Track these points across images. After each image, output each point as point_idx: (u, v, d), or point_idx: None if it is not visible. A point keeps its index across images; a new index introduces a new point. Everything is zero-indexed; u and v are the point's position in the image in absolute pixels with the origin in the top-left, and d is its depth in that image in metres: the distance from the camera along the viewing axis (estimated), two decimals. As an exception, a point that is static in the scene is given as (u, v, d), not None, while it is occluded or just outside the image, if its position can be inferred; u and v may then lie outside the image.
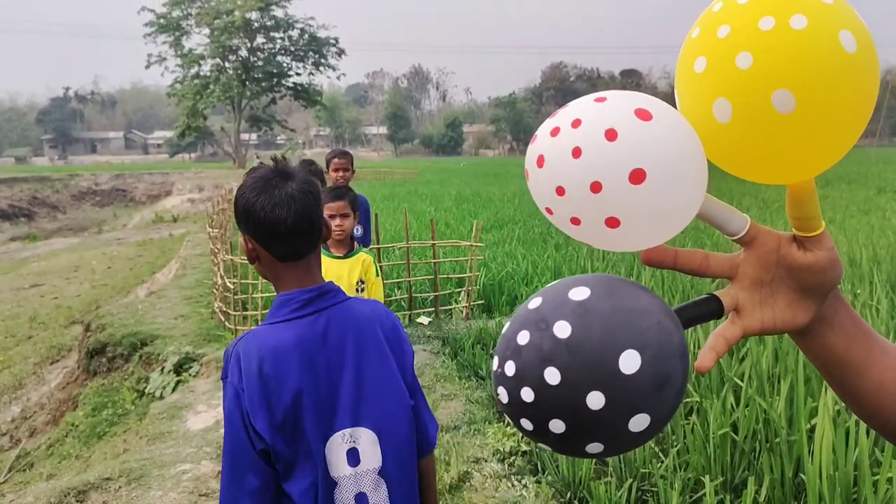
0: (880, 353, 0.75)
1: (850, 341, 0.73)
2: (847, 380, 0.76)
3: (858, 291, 5.16)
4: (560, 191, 0.62)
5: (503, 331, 0.67)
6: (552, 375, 0.60)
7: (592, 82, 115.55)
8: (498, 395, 0.65)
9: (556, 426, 0.62)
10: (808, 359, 0.77)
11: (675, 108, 0.65)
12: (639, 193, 0.59)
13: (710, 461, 3.19)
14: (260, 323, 5.72)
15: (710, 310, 0.69)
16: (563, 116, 0.63)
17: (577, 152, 0.60)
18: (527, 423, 0.64)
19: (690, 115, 0.63)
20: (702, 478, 3.04)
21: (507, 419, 0.64)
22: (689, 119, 0.63)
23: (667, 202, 0.61)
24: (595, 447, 0.63)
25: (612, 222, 0.62)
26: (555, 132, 0.62)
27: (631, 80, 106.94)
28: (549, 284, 0.69)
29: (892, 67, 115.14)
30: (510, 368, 0.63)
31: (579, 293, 0.64)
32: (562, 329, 0.61)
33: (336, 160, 4.93)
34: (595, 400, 0.60)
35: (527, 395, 0.62)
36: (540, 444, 0.62)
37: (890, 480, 2.57)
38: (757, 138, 0.60)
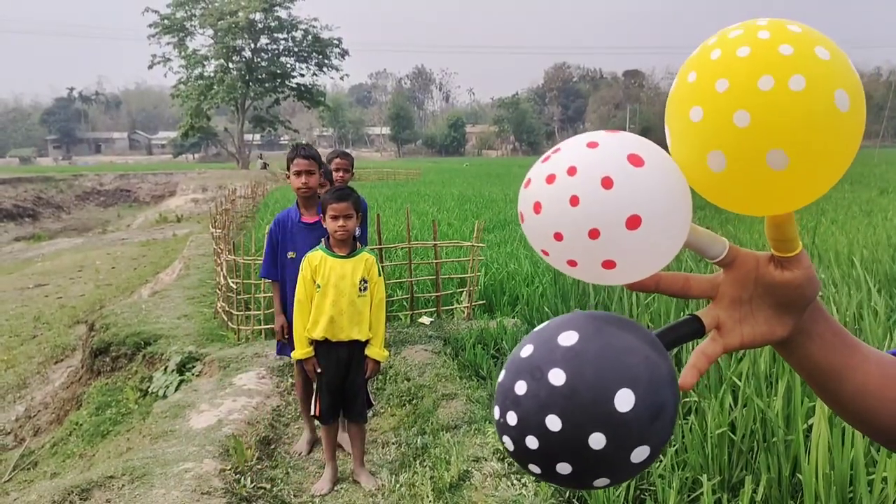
0: (862, 359, 0.78)
1: (831, 350, 0.76)
2: (830, 386, 0.79)
3: (855, 293, 5.18)
4: (558, 236, 0.64)
5: (500, 379, 0.70)
6: (553, 423, 0.63)
7: (595, 83, 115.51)
8: (504, 443, 0.68)
9: (563, 468, 0.65)
10: (793, 368, 0.80)
11: (667, 143, 0.68)
12: (635, 237, 0.62)
13: (707, 460, 3.21)
14: (263, 323, 5.77)
15: (692, 330, 0.73)
16: (557, 162, 0.64)
17: (574, 201, 0.62)
18: (535, 468, 0.66)
19: (684, 160, 0.65)
20: (699, 477, 3.06)
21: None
22: (683, 163, 0.65)
23: (659, 241, 0.64)
24: (602, 481, 0.66)
25: (609, 264, 0.64)
26: (551, 179, 0.64)
27: (634, 80, 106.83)
28: (538, 328, 0.72)
29: (894, 69, 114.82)
30: (512, 419, 0.66)
31: (568, 338, 0.66)
32: (556, 377, 0.64)
33: (337, 160, 5.00)
34: (597, 440, 0.63)
35: (531, 442, 0.65)
36: (550, 484, 0.67)
37: (885, 480, 2.59)
38: (748, 188, 0.62)
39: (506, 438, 0.67)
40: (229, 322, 7.20)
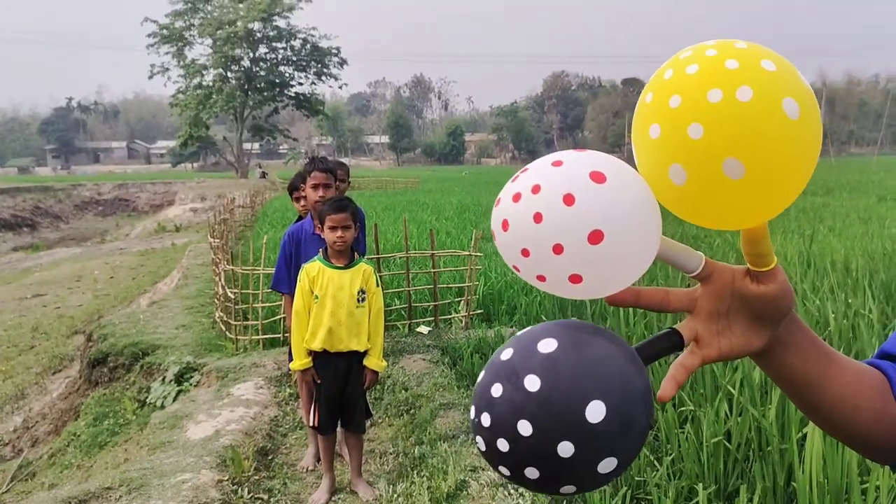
0: (837, 369, 0.80)
1: (807, 360, 0.78)
2: (807, 395, 0.80)
3: (851, 301, 5.20)
4: (525, 252, 0.66)
5: (479, 379, 0.71)
6: (524, 428, 0.65)
7: (594, 91, 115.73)
8: (476, 443, 0.70)
9: (531, 473, 0.66)
10: (771, 378, 0.82)
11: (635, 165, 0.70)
12: (598, 252, 0.64)
13: (703, 469, 3.22)
14: (261, 333, 5.79)
15: (671, 343, 0.74)
16: (523, 181, 0.67)
17: (538, 217, 0.64)
18: (504, 470, 0.68)
19: (648, 176, 0.67)
20: (695, 486, 3.07)
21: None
22: (648, 179, 0.67)
23: (625, 255, 0.66)
24: (568, 488, 0.68)
25: (576, 279, 0.66)
26: (517, 198, 0.66)
27: (633, 88, 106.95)
28: (520, 333, 0.73)
29: (892, 76, 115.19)
30: (486, 420, 0.68)
31: (547, 345, 0.68)
32: (532, 383, 0.65)
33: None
34: (565, 449, 0.64)
35: (502, 445, 0.66)
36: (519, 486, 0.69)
37: (878, 488, 2.61)
38: (711, 199, 0.64)
39: (479, 438, 0.69)
40: (227, 332, 7.21)
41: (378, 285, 3.83)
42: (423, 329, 6.83)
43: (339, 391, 3.77)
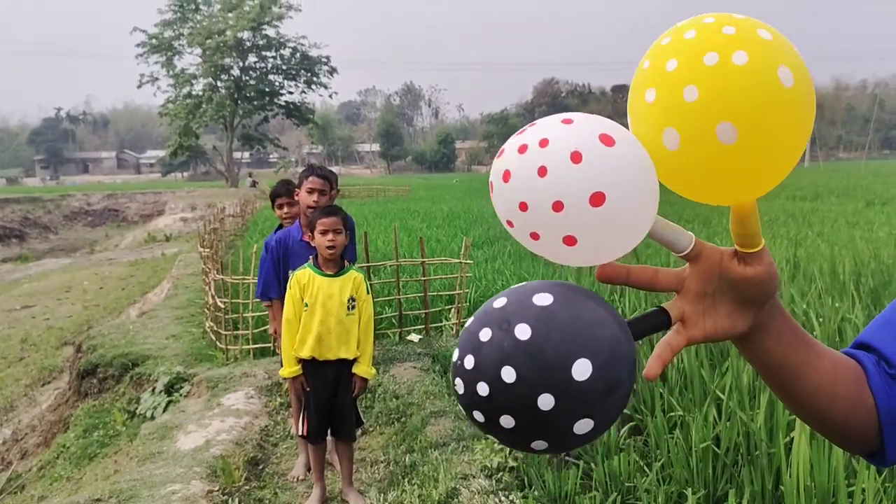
0: (816, 357, 0.81)
1: (787, 347, 0.79)
2: (786, 383, 0.82)
3: (837, 305, 5.23)
4: (523, 206, 0.65)
5: (466, 324, 0.70)
6: (508, 374, 0.64)
7: (584, 98, 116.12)
8: (455, 385, 0.69)
9: (506, 421, 0.66)
10: (751, 363, 0.83)
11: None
12: (597, 215, 0.63)
13: (692, 474, 3.24)
14: (251, 343, 5.81)
15: (659, 321, 0.75)
16: (531, 134, 0.65)
17: (542, 171, 0.63)
18: (479, 416, 0.67)
19: (642, 141, 0.67)
20: (685, 491, 3.08)
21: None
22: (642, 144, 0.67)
23: (622, 224, 0.65)
24: (539, 444, 0.67)
25: (570, 240, 0.65)
26: (522, 149, 0.65)
27: (622, 95, 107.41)
28: (515, 286, 0.72)
29: (880, 81, 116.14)
30: (469, 362, 0.67)
31: (543, 299, 0.67)
32: (523, 331, 0.65)
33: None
34: (545, 402, 0.64)
35: (482, 389, 0.65)
36: (488, 436, 0.68)
37: (864, 491, 2.62)
38: (703, 165, 0.64)
39: (458, 381, 0.68)
40: (218, 342, 7.19)
41: (368, 293, 3.84)
42: (414, 337, 6.83)
43: (329, 399, 3.77)
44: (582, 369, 0.64)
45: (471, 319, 0.71)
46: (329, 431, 3.89)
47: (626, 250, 0.69)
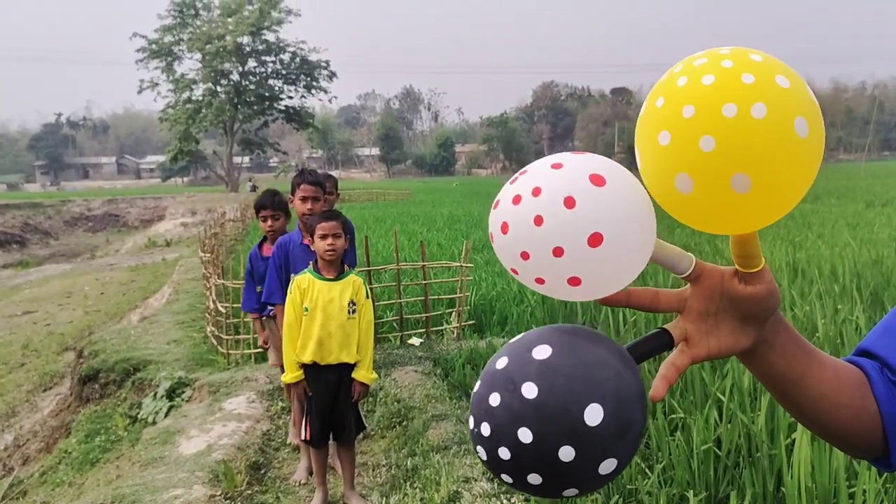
0: (819, 367, 0.82)
1: (791, 359, 0.80)
2: (790, 393, 0.83)
3: (839, 307, 5.24)
4: (524, 255, 0.66)
5: (475, 390, 0.72)
6: (525, 435, 0.65)
7: (583, 101, 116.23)
8: (478, 453, 0.71)
9: (534, 479, 0.67)
10: (756, 377, 0.84)
11: (637, 164, 0.71)
12: (597, 254, 0.65)
13: (694, 476, 3.24)
14: (252, 347, 5.83)
15: (662, 343, 0.76)
16: (523, 184, 0.67)
17: (538, 220, 0.64)
18: (507, 478, 0.69)
19: (653, 181, 0.68)
20: (686, 493, 3.08)
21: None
22: (652, 184, 0.68)
23: (623, 258, 0.67)
24: (571, 492, 0.69)
25: (575, 281, 0.67)
26: (517, 200, 0.66)
27: (622, 97, 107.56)
28: (514, 340, 0.74)
29: (878, 82, 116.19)
30: (486, 429, 0.68)
31: (542, 351, 0.69)
32: (529, 390, 0.66)
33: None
34: (566, 453, 0.65)
35: (504, 453, 0.67)
36: (522, 493, 0.71)
37: (865, 492, 2.63)
38: (714, 209, 0.65)
39: (480, 448, 0.70)
40: (219, 346, 7.19)
41: (368, 297, 3.84)
42: (415, 341, 6.83)
43: (330, 403, 3.77)
44: (593, 415, 0.65)
45: (477, 384, 0.72)
46: (331, 436, 3.90)
47: (630, 280, 0.70)
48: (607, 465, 0.67)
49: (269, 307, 4.50)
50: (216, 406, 5.35)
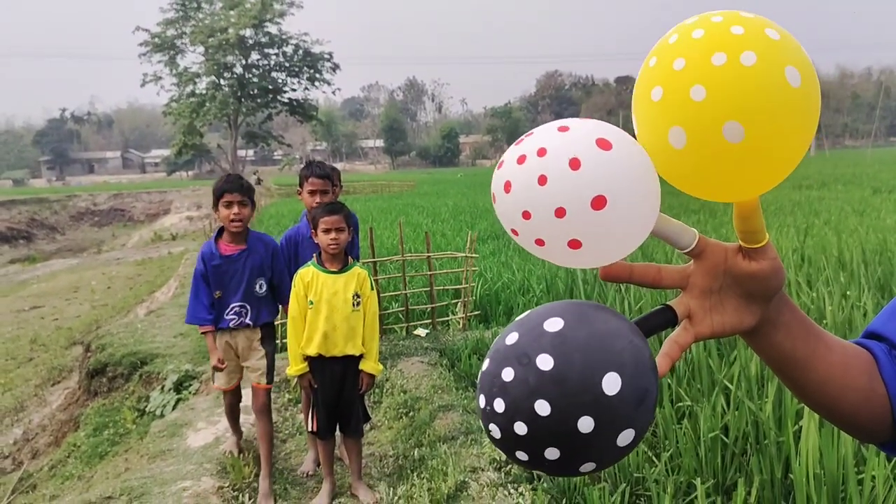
0: (825, 349, 0.81)
1: (796, 340, 0.79)
2: (795, 375, 0.81)
3: (848, 293, 5.22)
4: (526, 215, 0.66)
5: (483, 368, 0.70)
6: (542, 407, 0.64)
7: (587, 90, 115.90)
8: (490, 431, 0.68)
9: (552, 454, 0.66)
10: (760, 357, 0.83)
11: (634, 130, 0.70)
12: (600, 218, 0.64)
13: (701, 464, 3.24)
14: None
15: (665, 319, 0.75)
16: (528, 144, 0.66)
17: (542, 180, 0.64)
18: (522, 455, 0.67)
19: (647, 140, 0.67)
20: (693, 481, 3.08)
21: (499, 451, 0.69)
22: (646, 143, 0.68)
23: (625, 224, 0.66)
24: (588, 466, 0.67)
25: (575, 244, 0.66)
26: (521, 160, 0.65)
27: (626, 86, 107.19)
28: (521, 317, 0.72)
29: (885, 68, 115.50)
30: (499, 405, 0.66)
31: (553, 324, 0.67)
32: (544, 362, 0.65)
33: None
34: (585, 424, 0.64)
35: (520, 428, 0.65)
36: (534, 471, 0.68)
37: (874, 478, 2.62)
38: (708, 164, 0.64)
39: (492, 426, 0.68)
40: (225, 339, 7.20)
41: (372, 289, 3.84)
42: (421, 331, 6.84)
43: (336, 396, 3.78)
44: (612, 383, 0.64)
45: (486, 362, 0.70)
46: (337, 427, 3.90)
47: (630, 249, 0.69)
48: (625, 436, 0.66)
49: (230, 319, 3.97)
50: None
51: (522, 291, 7.75)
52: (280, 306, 4.27)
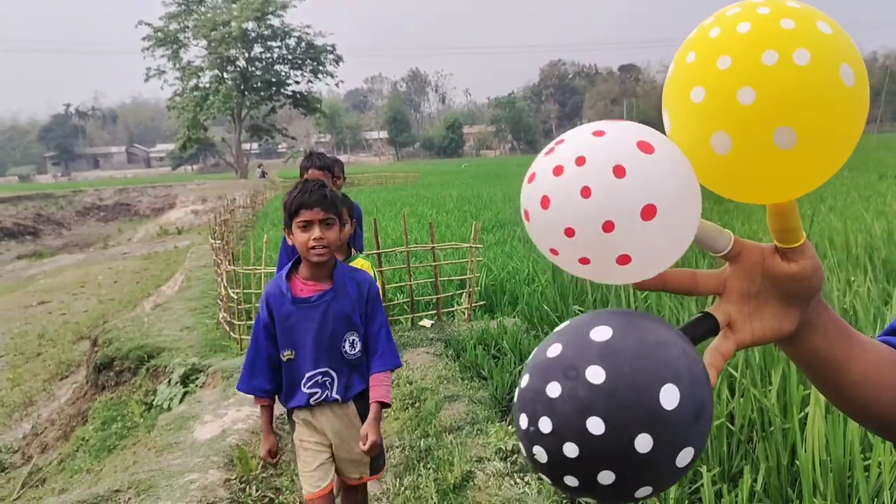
0: (860, 350, 0.78)
1: (832, 342, 0.76)
2: (830, 378, 0.79)
3: (852, 279, 5.20)
4: (569, 232, 0.60)
5: (523, 384, 0.64)
6: (596, 425, 0.58)
7: (591, 78, 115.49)
8: (534, 455, 0.62)
9: (606, 477, 0.59)
10: (794, 362, 0.80)
11: (665, 129, 0.66)
12: (650, 228, 0.59)
13: (707, 452, 3.23)
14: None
15: (708, 327, 0.70)
16: (564, 152, 0.61)
17: (586, 192, 0.58)
18: (571, 480, 0.60)
19: (686, 143, 0.63)
20: (699, 468, 3.08)
21: (523, 447, 0.64)
22: (684, 147, 0.63)
23: (673, 232, 0.61)
24: (644, 490, 0.61)
25: (624, 259, 0.61)
26: (558, 171, 0.60)
27: (630, 74, 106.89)
28: (560, 327, 0.67)
29: (890, 52, 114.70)
30: (546, 425, 0.60)
31: (601, 333, 0.62)
32: (595, 374, 0.59)
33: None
34: (644, 443, 0.58)
35: (570, 450, 0.59)
36: (583, 499, 0.63)
37: (881, 464, 2.61)
38: (754, 170, 0.60)
39: (538, 449, 0.61)
40: (231, 332, 7.23)
41: (376, 279, 3.83)
42: (426, 322, 6.84)
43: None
44: (670, 396, 0.58)
45: (525, 377, 0.64)
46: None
47: (674, 259, 0.65)
48: (685, 455, 0.60)
49: (309, 393, 2.76)
50: (230, 391, 5.38)
51: (527, 281, 7.74)
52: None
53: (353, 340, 2.76)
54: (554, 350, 0.63)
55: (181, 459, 4.18)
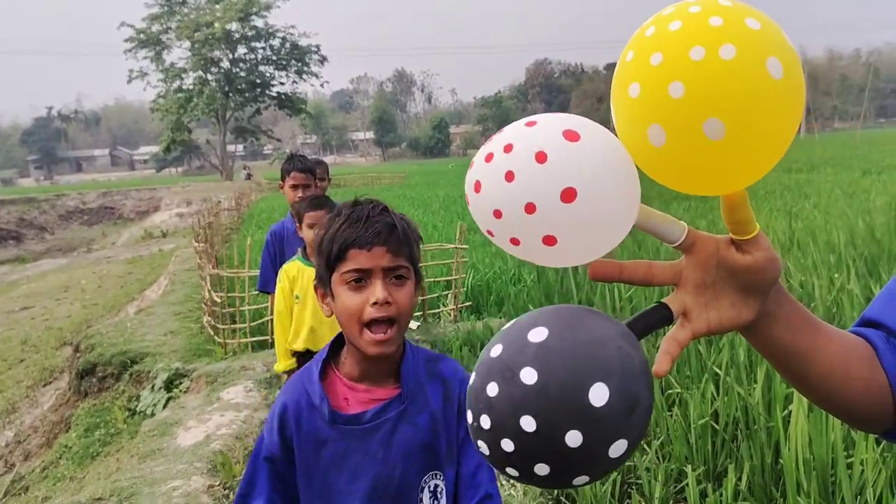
0: (826, 340, 0.79)
1: (795, 332, 0.77)
2: (797, 369, 0.79)
3: (836, 276, 5.22)
4: (497, 214, 0.64)
5: (470, 383, 0.68)
6: (528, 423, 0.62)
7: (577, 77, 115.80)
8: (479, 448, 0.67)
9: (541, 469, 0.63)
10: (759, 352, 0.81)
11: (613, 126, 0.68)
12: (571, 211, 0.62)
13: (692, 451, 3.23)
14: (249, 336, 5.45)
15: (661, 316, 0.72)
16: (496, 142, 0.65)
17: (509, 176, 0.62)
18: (512, 471, 0.65)
19: (627, 137, 0.65)
20: (684, 468, 3.08)
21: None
22: (626, 141, 0.65)
23: (600, 217, 0.64)
24: (581, 479, 0.65)
25: (550, 240, 0.64)
26: (489, 158, 0.64)
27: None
28: (507, 325, 0.70)
29: (874, 49, 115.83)
30: (485, 422, 0.64)
31: (538, 334, 0.65)
32: (528, 376, 0.62)
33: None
34: (574, 438, 0.61)
35: (507, 445, 0.63)
36: (528, 485, 0.66)
37: (863, 462, 2.62)
38: (690, 161, 0.62)
39: (480, 443, 0.66)
40: (215, 336, 7.17)
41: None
42: (412, 324, 6.82)
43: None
44: (598, 394, 0.62)
45: (473, 376, 0.68)
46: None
47: (612, 245, 0.67)
48: (618, 447, 0.63)
49: None
50: (214, 396, 5.34)
51: (514, 281, 7.73)
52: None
53: (437, 488, 1.52)
54: (496, 350, 0.67)
55: (164, 466, 4.14)
